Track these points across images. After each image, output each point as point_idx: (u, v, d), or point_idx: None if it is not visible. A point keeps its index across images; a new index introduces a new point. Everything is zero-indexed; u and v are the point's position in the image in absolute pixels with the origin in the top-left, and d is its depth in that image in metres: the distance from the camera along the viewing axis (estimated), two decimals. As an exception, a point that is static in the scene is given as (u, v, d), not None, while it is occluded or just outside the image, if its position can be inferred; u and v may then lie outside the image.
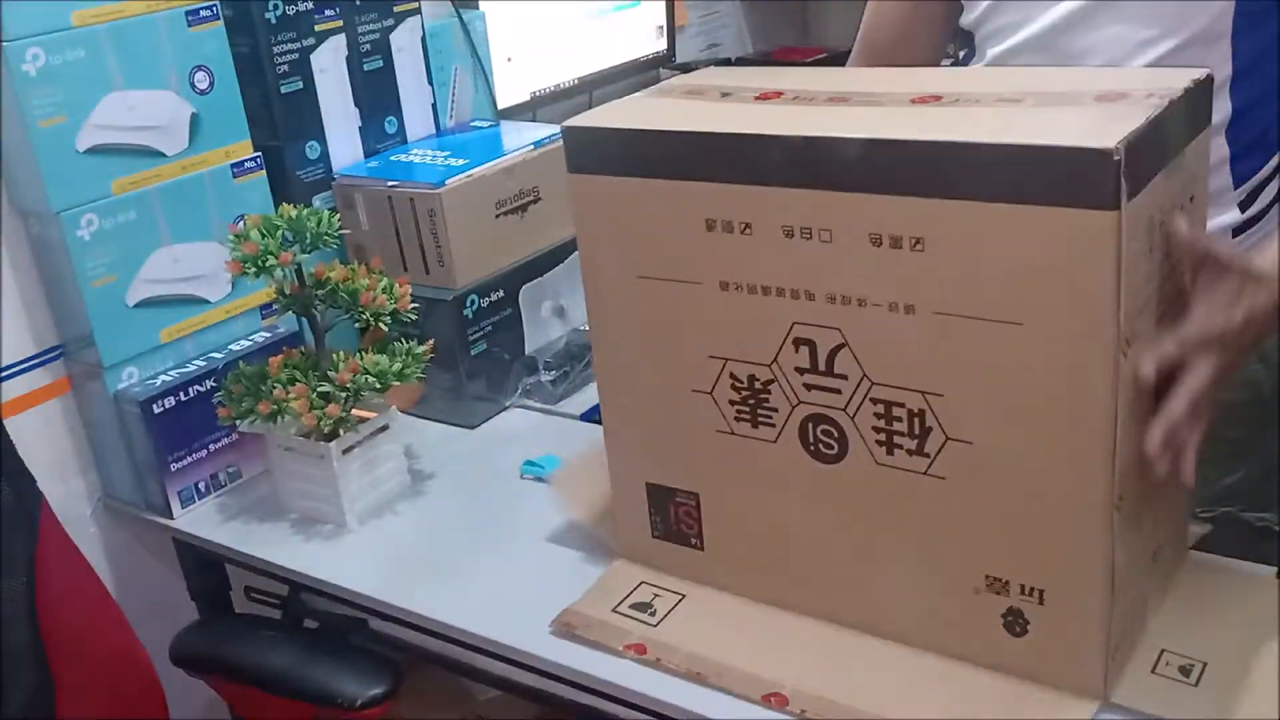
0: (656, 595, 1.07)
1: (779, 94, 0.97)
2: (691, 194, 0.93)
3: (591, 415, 1.45)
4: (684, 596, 1.06)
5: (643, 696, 0.98)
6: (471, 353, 1.44)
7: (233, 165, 1.37)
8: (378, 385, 1.24)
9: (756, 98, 0.98)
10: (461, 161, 1.48)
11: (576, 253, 1.56)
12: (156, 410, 1.28)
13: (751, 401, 0.97)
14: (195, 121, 1.33)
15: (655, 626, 1.03)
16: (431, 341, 1.32)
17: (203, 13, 1.32)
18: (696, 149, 0.92)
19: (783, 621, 1.01)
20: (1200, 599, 0.98)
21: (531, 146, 1.53)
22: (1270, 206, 1.11)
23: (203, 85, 1.33)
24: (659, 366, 1.01)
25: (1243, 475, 1.13)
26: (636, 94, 1.08)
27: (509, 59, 1.82)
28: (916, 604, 0.95)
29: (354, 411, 1.27)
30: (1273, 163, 1.10)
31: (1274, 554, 1.02)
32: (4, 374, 1.29)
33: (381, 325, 1.27)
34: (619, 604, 1.06)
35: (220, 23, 1.34)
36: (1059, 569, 0.87)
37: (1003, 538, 0.88)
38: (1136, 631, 0.93)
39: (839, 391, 0.92)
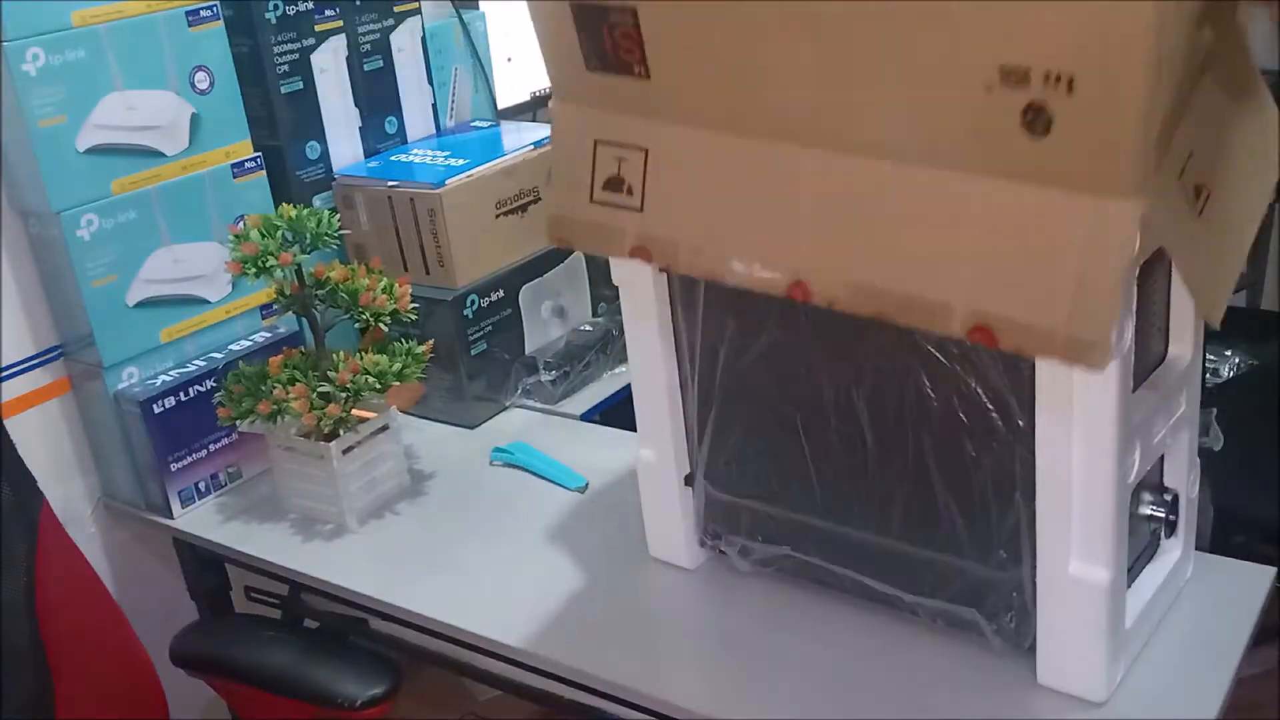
0: (621, 160, 0.91)
1: None
2: None
3: (591, 415, 1.46)
4: (647, 151, 0.90)
5: (643, 696, 0.98)
6: (471, 353, 1.44)
7: (233, 165, 1.37)
8: (378, 385, 1.24)
9: None
10: (461, 161, 1.48)
11: (576, 252, 1.58)
12: (156, 410, 1.28)
13: None
14: (195, 121, 1.33)
15: (641, 212, 0.91)
16: (431, 341, 1.32)
17: (203, 13, 1.32)
18: None
19: (769, 160, 0.85)
20: (1221, 120, 0.81)
21: (531, 146, 1.53)
22: None
23: (203, 85, 1.33)
24: None
25: None
26: None
27: (509, 59, 1.82)
28: (916, 117, 0.78)
29: (354, 411, 1.27)
30: None
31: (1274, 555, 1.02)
32: (4, 374, 1.29)
33: (381, 325, 1.27)
34: (593, 190, 0.93)
35: (220, 23, 1.34)
36: (1091, 43, 0.69)
37: (1021, 11, 0.71)
38: (1170, 130, 0.75)
39: None
